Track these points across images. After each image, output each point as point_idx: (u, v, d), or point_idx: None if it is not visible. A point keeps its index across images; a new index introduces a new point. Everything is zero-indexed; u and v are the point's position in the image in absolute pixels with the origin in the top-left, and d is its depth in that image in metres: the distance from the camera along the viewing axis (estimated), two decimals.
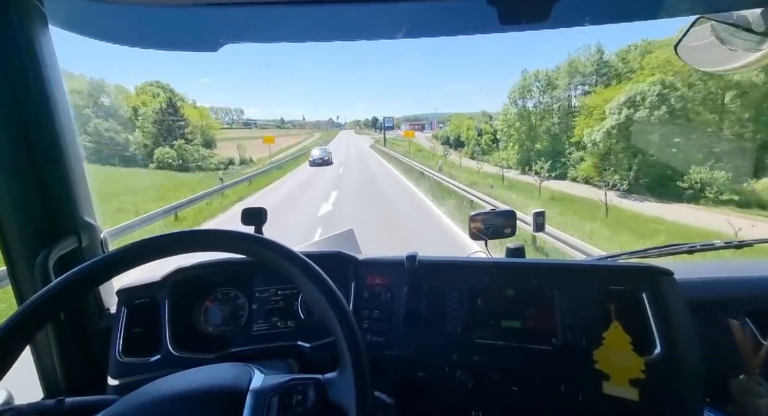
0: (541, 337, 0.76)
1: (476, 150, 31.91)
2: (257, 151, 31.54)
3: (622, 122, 16.37)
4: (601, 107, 18.15)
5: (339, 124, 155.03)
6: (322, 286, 0.50)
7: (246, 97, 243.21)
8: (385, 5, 0.76)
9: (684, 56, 0.96)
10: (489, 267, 0.86)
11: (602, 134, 17.11)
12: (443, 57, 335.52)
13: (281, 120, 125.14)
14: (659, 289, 0.73)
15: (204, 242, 0.54)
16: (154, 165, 21.95)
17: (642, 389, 0.68)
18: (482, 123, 34.68)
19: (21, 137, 0.77)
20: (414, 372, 0.81)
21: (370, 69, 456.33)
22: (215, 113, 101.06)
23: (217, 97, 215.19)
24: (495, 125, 32.56)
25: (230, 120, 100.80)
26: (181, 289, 0.90)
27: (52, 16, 0.79)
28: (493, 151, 29.73)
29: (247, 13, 0.79)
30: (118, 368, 0.83)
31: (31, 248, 0.79)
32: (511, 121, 25.18)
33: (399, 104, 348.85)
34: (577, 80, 23.00)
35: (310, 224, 7.52)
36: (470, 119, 37.94)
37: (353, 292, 0.88)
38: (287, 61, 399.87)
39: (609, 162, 17.37)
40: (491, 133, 31.47)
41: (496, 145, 29.32)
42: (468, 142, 34.15)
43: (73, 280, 0.46)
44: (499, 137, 27.87)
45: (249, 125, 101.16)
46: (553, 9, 0.72)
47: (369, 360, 0.47)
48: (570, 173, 19.61)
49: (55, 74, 0.81)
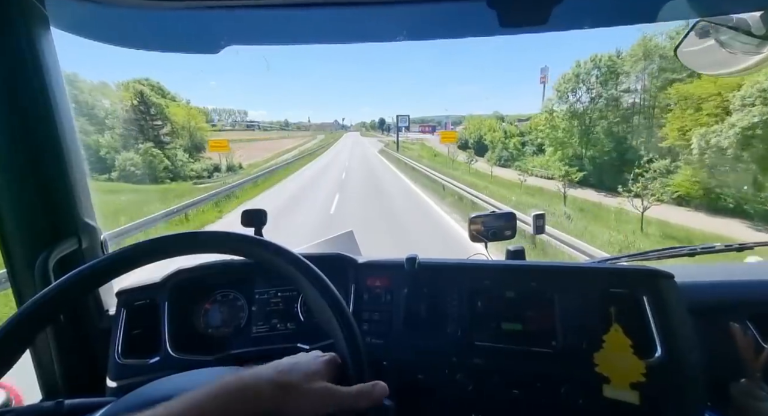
0: (542, 340, 0.76)
1: (504, 155, 28.02)
2: (256, 154, 30.00)
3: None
4: (717, 97, 12.71)
5: (344, 126, 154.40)
6: (322, 288, 0.50)
7: (254, 99, 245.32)
8: (385, 8, 0.76)
9: (684, 59, 0.97)
10: (489, 269, 0.86)
11: (734, 136, 11.29)
12: (453, 57, 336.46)
13: (285, 122, 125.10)
14: (660, 292, 0.73)
15: (204, 243, 0.54)
16: (116, 174, 17.50)
17: (642, 392, 0.67)
18: (500, 125, 31.59)
19: (23, 138, 0.77)
20: (414, 375, 0.81)
21: (377, 70, 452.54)
22: (218, 114, 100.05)
23: (225, 99, 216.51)
24: (521, 127, 30.08)
25: (233, 122, 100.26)
26: (180, 291, 0.90)
27: (54, 18, 0.79)
28: (522, 156, 26.22)
29: (248, 16, 0.79)
30: (117, 369, 0.83)
31: (31, 250, 0.79)
32: (557, 120, 20.14)
33: (405, 105, 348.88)
34: (656, 66, 17.13)
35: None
36: (492, 119, 34.17)
37: (353, 294, 0.88)
38: (294, 63, 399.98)
39: (726, 175, 11.67)
40: (517, 135, 28.15)
41: (527, 150, 25.96)
42: (493, 146, 29.98)
43: (72, 282, 0.46)
44: (533, 140, 24.44)
45: (251, 127, 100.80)
46: (553, 12, 0.72)
47: (369, 363, 0.47)
48: (661, 190, 12.62)
49: (57, 76, 0.81)
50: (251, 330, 0.91)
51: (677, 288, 0.75)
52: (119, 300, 0.89)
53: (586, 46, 66.55)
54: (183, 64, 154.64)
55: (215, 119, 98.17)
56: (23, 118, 0.76)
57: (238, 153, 28.64)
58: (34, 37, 0.76)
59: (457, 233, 7.82)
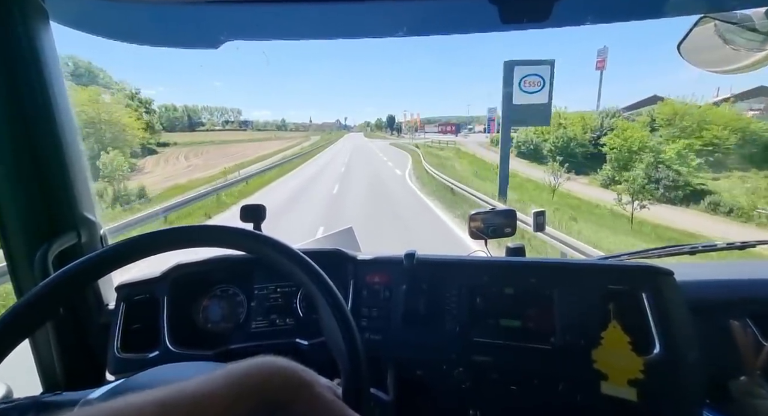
0: (540, 336, 0.76)
1: (617, 166, 16.64)
2: (216, 163, 22.02)
3: None
4: None
5: (346, 126, 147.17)
6: (321, 284, 0.50)
7: (257, 99, 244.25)
8: (386, 3, 0.76)
9: (687, 56, 0.96)
10: (488, 266, 0.86)
11: None
12: (457, 53, 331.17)
13: (282, 122, 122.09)
14: (659, 289, 0.73)
15: (203, 237, 0.54)
16: None
17: (640, 389, 0.67)
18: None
19: (23, 133, 0.77)
20: (412, 371, 0.81)
21: (383, 67, 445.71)
22: (209, 113, 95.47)
23: (230, 99, 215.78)
24: (612, 123, 19.67)
25: (225, 121, 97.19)
26: (180, 285, 0.90)
27: (53, 13, 0.79)
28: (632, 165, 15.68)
29: (249, 11, 0.79)
30: (116, 363, 0.83)
31: (30, 244, 0.79)
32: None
33: (413, 104, 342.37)
34: None
35: None
36: (582, 115, 22.35)
37: (352, 290, 0.88)
38: (297, 62, 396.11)
39: None
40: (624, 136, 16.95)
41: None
42: (622, 156, 16.94)
43: (69, 276, 0.46)
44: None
45: (244, 127, 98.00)
46: (554, 8, 0.71)
47: (367, 359, 0.47)
48: None
49: (57, 71, 0.81)
50: (250, 325, 0.91)
51: (677, 285, 0.75)
52: (119, 295, 0.89)
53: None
54: (184, 62, 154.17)
55: (205, 117, 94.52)
56: (23, 112, 0.77)
57: (190, 162, 21.99)
58: (33, 32, 0.76)
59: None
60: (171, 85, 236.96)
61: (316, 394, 0.38)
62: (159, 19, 0.84)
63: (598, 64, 33.03)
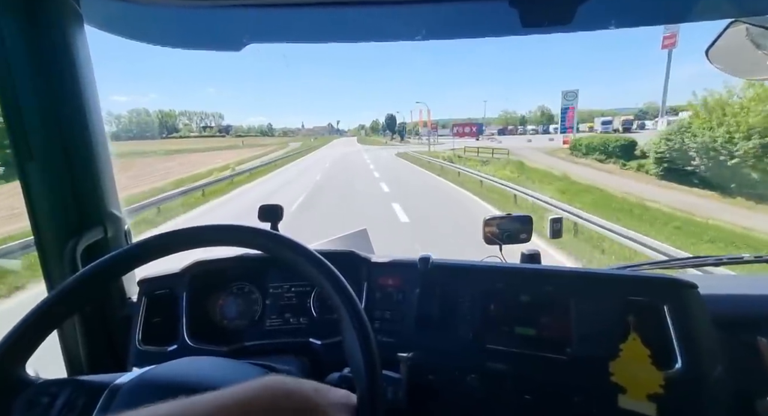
0: (556, 346, 0.74)
1: None
2: (192, 168, 18.37)
3: None
4: None
5: (339, 130, 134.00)
6: (336, 284, 0.50)
7: (252, 105, 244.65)
8: (405, 7, 0.76)
9: (716, 62, 0.92)
10: (503, 272, 0.85)
11: None
12: (461, 56, 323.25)
13: (269, 126, 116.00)
14: (682, 302, 0.70)
15: (222, 237, 0.55)
16: None
17: (660, 405, 0.65)
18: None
19: (56, 132, 0.81)
20: (424, 375, 0.80)
21: (378, 70, 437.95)
22: (187, 117, 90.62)
23: (224, 106, 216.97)
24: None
25: (204, 125, 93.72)
26: (198, 281, 0.93)
27: (87, 16, 0.83)
28: None
29: (271, 14, 0.81)
30: (137, 355, 0.86)
31: (60, 237, 0.83)
32: None
33: (411, 106, 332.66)
34: None
35: None
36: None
37: (365, 292, 0.89)
38: (295, 66, 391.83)
39: None
40: None
41: None
42: None
43: (98, 271, 0.48)
44: None
45: (224, 133, 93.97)
46: (577, 11, 0.70)
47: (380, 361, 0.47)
48: None
49: (89, 72, 0.85)
50: (265, 323, 0.93)
51: (701, 299, 0.72)
52: (141, 289, 0.92)
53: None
54: (175, 68, 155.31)
55: (183, 122, 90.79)
56: (57, 112, 0.80)
57: None
58: (68, 34, 0.79)
59: None
60: (163, 92, 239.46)
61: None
62: (187, 23, 0.87)
63: (665, 41, 25.30)
